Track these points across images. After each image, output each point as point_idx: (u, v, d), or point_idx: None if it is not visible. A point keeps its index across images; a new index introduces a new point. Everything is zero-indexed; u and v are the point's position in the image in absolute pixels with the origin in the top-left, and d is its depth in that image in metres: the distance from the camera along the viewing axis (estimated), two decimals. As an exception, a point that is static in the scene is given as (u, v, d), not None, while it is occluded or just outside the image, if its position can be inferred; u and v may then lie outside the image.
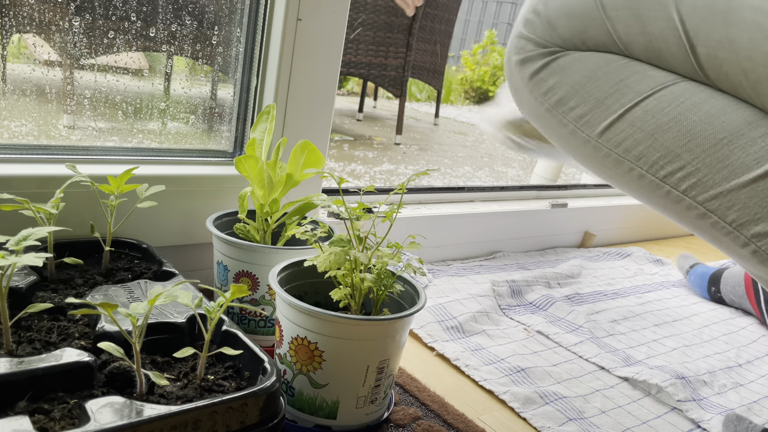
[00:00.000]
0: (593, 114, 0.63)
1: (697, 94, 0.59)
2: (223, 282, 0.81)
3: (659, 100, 0.60)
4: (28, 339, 0.57)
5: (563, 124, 0.66)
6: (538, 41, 0.65)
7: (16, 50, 0.82)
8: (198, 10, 0.91)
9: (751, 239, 0.57)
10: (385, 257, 0.67)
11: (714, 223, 0.59)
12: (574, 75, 0.64)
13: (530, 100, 0.68)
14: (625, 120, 0.61)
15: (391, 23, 2.88)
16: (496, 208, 1.36)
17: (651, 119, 0.60)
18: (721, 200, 0.58)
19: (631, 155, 0.62)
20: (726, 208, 0.58)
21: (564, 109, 0.65)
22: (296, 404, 0.67)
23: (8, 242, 0.53)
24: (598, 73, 0.63)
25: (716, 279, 1.27)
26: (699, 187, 0.59)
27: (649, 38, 0.60)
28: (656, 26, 0.59)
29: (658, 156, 0.60)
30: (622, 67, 0.62)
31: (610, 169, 0.64)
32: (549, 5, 0.64)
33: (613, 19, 0.61)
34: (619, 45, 0.62)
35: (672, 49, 0.59)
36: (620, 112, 0.61)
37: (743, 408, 0.87)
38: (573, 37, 0.63)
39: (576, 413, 0.80)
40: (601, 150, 0.64)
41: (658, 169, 0.60)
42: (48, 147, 0.84)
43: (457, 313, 1.00)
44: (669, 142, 0.59)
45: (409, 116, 4.46)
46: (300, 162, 0.81)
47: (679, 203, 0.61)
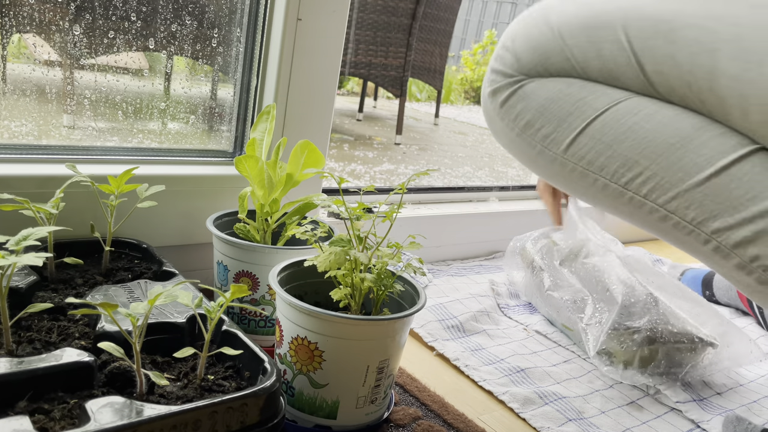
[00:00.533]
0: (557, 132, 0.68)
1: (650, 106, 0.64)
2: (223, 282, 0.81)
3: (615, 113, 0.65)
4: (28, 339, 0.57)
5: (532, 145, 0.71)
6: (507, 72, 0.71)
7: (16, 50, 0.82)
8: (198, 10, 0.91)
9: (711, 236, 0.61)
10: (385, 257, 0.67)
11: (676, 224, 0.63)
12: (539, 99, 0.69)
13: (502, 127, 0.73)
14: (586, 134, 0.66)
15: (391, 23, 2.88)
16: (496, 208, 1.36)
17: (609, 131, 0.65)
18: (680, 200, 0.62)
19: (594, 167, 0.67)
20: (684, 207, 0.62)
21: (531, 131, 0.70)
22: (296, 404, 0.67)
23: (8, 242, 0.53)
24: (559, 95, 0.68)
25: (708, 282, 1.27)
26: (658, 190, 0.63)
27: (603, 61, 0.65)
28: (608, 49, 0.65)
29: (618, 165, 0.65)
30: (580, 88, 0.67)
31: (578, 183, 0.69)
32: (516, 41, 0.70)
33: (571, 46, 0.67)
34: (577, 69, 0.67)
35: (623, 69, 0.64)
36: (581, 127, 0.66)
37: (743, 408, 0.87)
38: (537, 65, 0.69)
39: (575, 413, 0.80)
40: (567, 165, 0.69)
41: (620, 177, 0.65)
42: (48, 147, 0.84)
43: (457, 312, 1.00)
44: (627, 151, 0.64)
45: (409, 116, 4.46)
46: (300, 162, 0.81)
47: (642, 208, 0.65)
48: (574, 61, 0.67)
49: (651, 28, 0.62)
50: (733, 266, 0.61)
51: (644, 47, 0.62)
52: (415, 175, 0.70)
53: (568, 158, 0.68)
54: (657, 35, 0.62)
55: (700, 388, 0.91)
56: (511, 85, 0.71)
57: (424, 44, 3.15)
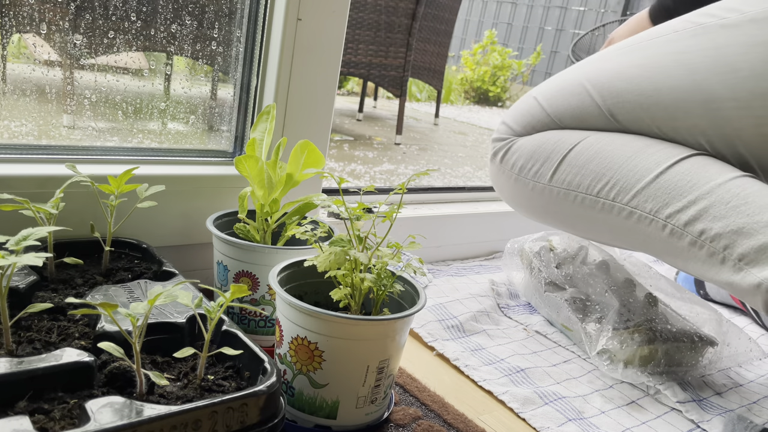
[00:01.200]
0: (544, 167, 0.88)
1: (610, 135, 0.84)
2: (223, 282, 0.81)
3: (585, 143, 0.85)
4: (28, 339, 0.57)
5: (525, 184, 0.91)
6: (503, 138, 0.94)
7: (16, 50, 0.82)
8: (198, 10, 0.91)
9: (666, 220, 0.76)
10: (385, 257, 0.67)
11: (639, 217, 0.79)
12: (528, 147, 0.90)
13: (503, 178, 0.94)
14: (564, 162, 0.86)
15: (391, 23, 2.88)
16: (496, 208, 1.36)
17: (581, 157, 0.84)
18: (639, 197, 0.78)
19: (573, 185, 0.85)
20: (644, 202, 0.78)
21: (524, 172, 0.90)
22: (296, 404, 0.67)
23: (8, 242, 0.53)
24: (542, 141, 0.89)
25: (701, 281, 1.27)
26: (622, 193, 0.80)
27: (573, 108, 0.87)
28: (576, 99, 0.87)
29: (591, 179, 0.83)
30: (558, 133, 0.89)
31: (562, 204, 0.87)
32: (509, 116, 0.95)
33: (548, 106, 0.90)
34: (555, 121, 0.89)
35: (590, 110, 0.86)
36: (560, 159, 0.86)
37: (743, 408, 0.87)
38: (525, 127, 0.92)
39: (575, 413, 0.80)
40: (554, 191, 0.88)
41: (592, 188, 0.83)
42: (48, 147, 0.84)
43: (457, 312, 1.00)
44: (595, 167, 0.83)
45: (409, 116, 4.46)
46: (300, 162, 0.81)
47: (612, 210, 0.81)
48: (554, 116, 0.89)
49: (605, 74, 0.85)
50: (687, 244, 0.75)
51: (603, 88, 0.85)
52: (415, 175, 0.70)
53: (553, 185, 0.87)
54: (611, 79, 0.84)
55: (699, 387, 0.91)
56: (506, 145, 0.93)
57: (424, 44, 3.16)
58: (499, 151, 0.93)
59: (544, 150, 0.88)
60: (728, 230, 0.71)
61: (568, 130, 0.87)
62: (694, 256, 0.74)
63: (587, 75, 0.87)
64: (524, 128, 0.91)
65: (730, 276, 0.71)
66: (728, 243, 0.71)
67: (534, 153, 0.89)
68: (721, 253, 0.71)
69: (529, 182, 0.90)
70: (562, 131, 0.88)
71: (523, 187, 0.91)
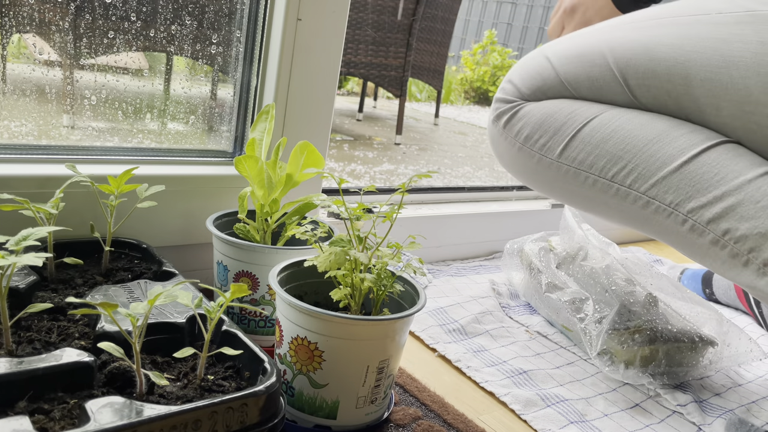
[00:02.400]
0: (553, 140, 0.79)
1: (630, 112, 0.76)
2: (223, 282, 0.81)
3: (601, 119, 0.76)
4: (28, 339, 0.56)
5: (531, 155, 0.82)
6: (508, 99, 0.84)
7: (16, 50, 0.82)
8: (198, 10, 0.91)
9: (687, 215, 0.70)
10: (385, 257, 0.67)
11: (656, 208, 0.72)
12: (537, 115, 0.81)
13: (505, 145, 0.85)
14: (577, 139, 0.77)
15: (391, 23, 2.88)
16: (496, 208, 1.36)
17: (596, 134, 0.76)
18: (659, 187, 0.71)
19: (584, 165, 0.77)
20: (663, 192, 0.71)
21: (530, 142, 0.82)
22: (296, 404, 0.67)
23: (8, 242, 0.53)
24: (554, 110, 0.80)
25: (708, 280, 1.27)
26: (640, 180, 0.73)
27: (591, 80, 0.78)
28: (596, 71, 0.77)
29: (605, 161, 0.75)
30: (572, 103, 0.79)
31: (571, 183, 0.80)
32: (515, 73, 0.84)
33: (564, 72, 0.79)
34: (570, 90, 0.80)
35: (611, 85, 0.76)
36: (572, 133, 0.78)
37: (742, 408, 0.87)
38: (535, 91, 0.82)
39: (578, 416, 0.80)
40: (562, 168, 0.79)
41: (607, 171, 0.75)
42: (48, 147, 0.84)
43: (458, 316, 1.00)
44: (612, 148, 0.75)
45: (409, 116, 4.46)
46: (300, 162, 0.81)
47: (627, 198, 0.74)
48: (567, 84, 0.79)
49: (632, 51, 0.75)
50: (708, 242, 0.69)
51: (628, 65, 0.75)
52: (417, 176, 0.70)
53: (562, 161, 0.79)
54: (638, 56, 0.74)
55: (700, 389, 0.91)
56: (512, 109, 0.83)
57: (424, 44, 3.15)
58: (503, 114, 0.84)
59: (554, 121, 0.79)
60: (756, 232, 0.66)
61: (583, 101, 0.79)
62: (715, 254, 0.70)
63: (610, 44, 0.76)
64: (533, 92, 0.82)
65: (753, 280, 0.67)
66: (754, 246, 0.66)
67: (543, 123, 0.80)
68: (744, 256, 0.67)
69: (535, 154, 0.81)
70: (575, 101, 0.79)
71: (527, 158, 0.83)
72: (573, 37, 0.81)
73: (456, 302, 1.04)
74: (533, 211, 1.41)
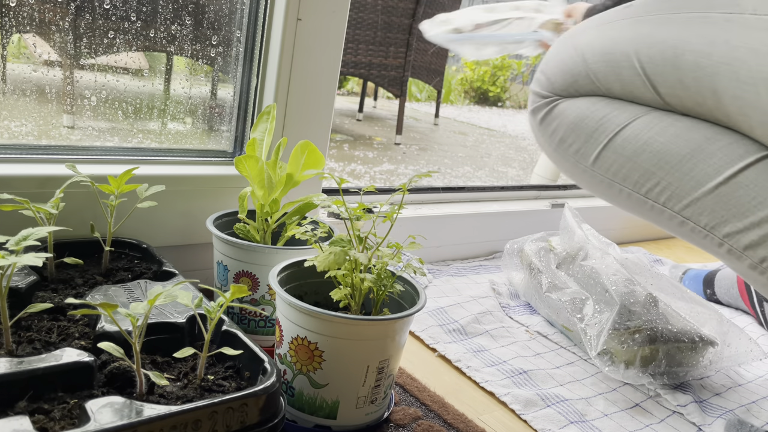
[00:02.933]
0: (586, 147, 0.75)
1: (664, 119, 0.69)
2: (223, 282, 0.81)
3: (633, 128, 0.71)
4: (28, 339, 0.56)
5: (566, 158, 0.78)
6: (543, 94, 0.79)
7: (16, 50, 0.82)
8: (198, 10, 0.91)
9: (723, 239, 0.65)
10: (385, 257, 0.67)
11: (692, 229, 0.68)
12: (570, 117, 0.76)
13: (543, 141, 0.81)
14: (609, 148, 0.72)
15: (391, 23, 2.88)
16: (496, 208, 1.36)
17: (628, 146, 0.71)
18: (693, 208, 0.67)
19: (618, 177, 0.73)
20: (698, 214, 0.66)
21: (564, 146, 0.77)
22: (296, 404, 0.67)
23: (8, 242, 0.53)
24: (586, 113, 0.75)
25: (710, 281, 1.27)
26: (674, 199, 0.68)
27: (622, 83, 0.72)
28: (626, 74, 0.71)
29: (639, 175, 0.70)
30: (604, 105, 0.74)
31: (606, 192, 0.76)
32: (548, 65, 0.78)
33: (595, 70, 0.73)
34: (602, 90, 0.74)
35: (641, 91, 0.70)
36: (605, 142, 0.73)
37: (742, 408, 0.87)
38: (567, 87, 0.76)
39: (578, 416, 0.80)
40: (596, 177, 0.75)
41: (640, 186, 0.71)
42: (48, 147, 0.84)
43: (458, 316, 1.00)
44: (644, 163, 0.70)
45: (409, 116, 4.46)
46: (300, 162, 0.81)
47: (662, 214, 0.70)
48: (598, 83, 0.73)
49: (659, 55, 0.68)
50: (746, 267, 0.65)
51: (655, 73, 0.68)
52: (417, 176, 0.70)
53: (596, 170, 0.75)
54: (665, 62, 0.67)
55: (700, 389, 0.91)
56: (546, 105, 0.79)
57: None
58: (539, 110, 0.80)
59: (586, 126, 0.75)
60: None
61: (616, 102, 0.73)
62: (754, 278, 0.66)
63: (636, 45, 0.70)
64: (566, 88, 0.77)
65: None
66: None
67: (575, 127, 0.76)
68: None
69: (570, 158, 0.77)
70: (608, 102, 0.74)
71: (563, 160, 0.79)
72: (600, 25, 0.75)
73: (456, 302, 1.04)
74: (533, 211, 1.41)
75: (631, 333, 0.89)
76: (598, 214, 1.57)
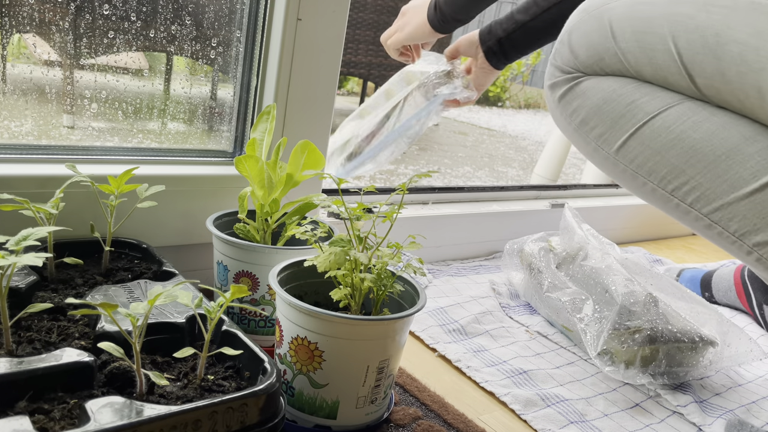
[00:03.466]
0: (610, 133, 0.69)
1: (699, 112, 0.64)
2: (223, 282, 0.81)
3: (664, 119, 0.65)
4: (28, 339, 0.56)
5: (587, 142, 0.72)
6: (564, 68, 0.72)
7: (16, 50, 0.82)
8: (198, 10, 0.91)
9: (753, 248, 0.61)
10: (385, 257, 0.67)
11: (719, 233, 0.64)
12: (594, 98, 0.70)
13: (561, 120, 0.75)
14: (636, 138, 0.67)
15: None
16: (496, 208, 1.36)
17: (658, 137, 0.65)
18: (723, 212, 0.62)
19: (643, 170, 0.67)
20: (728, 219, 0.62)
21: (586, 128, 0.71)
22: (296, 404, 0.67)
23: (8, 242, 0.53)
24: (613, 96, 0.69)
25: (707, 283, 1.27)
26: (703, 201, 0.64)
27: (655, 67, 0.65)
28: (659, 58, 0.65)
29: (666, 171, 0.65)
30: (633, 89, 0.67)
31: (629, 183, 0.71)
32: (572, 36, 0.71)
33: (624, 50, 0.67)
34: (631, 71, 0.67)
35: (675, 78, 0.64)
36: (632, 131, 0.67)
37: (743, 408, 0.87)
38: (593, 64, 0.69)
39: (578, 416, 0.80)
40: (619, 166, 0.70)
41: (666, 183, 0.66)
42: (48, 147, 0.84)
43: (458, 317, 1.00)
44: (674, 159, 0.64)
45: (409, 116, 4.45)
46: (300, 162, 0.81)
47: (688, 215, 0.66)
48: (627, 64, 0.67)
49: (699, 41, 0.62)
50: None
51: (693, 61, 0.63)
52: (417, 176, 0.70)
53: (619, 159, 0.69)
54: (705, 49, 0.61)
55: (700, 389, 0.91)
56: (568, 81, 0.72)
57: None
58: (559, 86, 0.73)
59: (612, 110, 0.69)
60: None
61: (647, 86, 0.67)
62: None
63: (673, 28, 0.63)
64: (590, 65, 0.70)
65: None
66: None
67: (600, 109, 0.70)
68: None
69: (591, 142, 0.72)
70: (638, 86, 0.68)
71: (583, 142, 0.74)
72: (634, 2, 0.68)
73: (456, 302, 1.04)
74: (533, 211, 1.41)
75: (631, 333, 0.89)
76: (598, 214, 1.57)
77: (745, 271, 1.21)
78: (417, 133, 1.01)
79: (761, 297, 1.17)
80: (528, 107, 6.44)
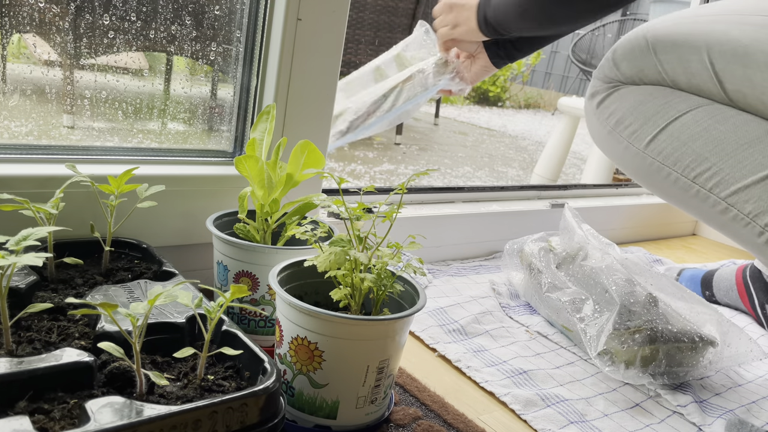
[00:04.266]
0: (642, 129, 0.77)
1: (726, 111, 0.72)
2: (223, 282, 0.81)
3: (694, 115, 0.73)
4: (28, 339, 0.56)
5: (619, 141, 0.80)
6: (605, 79, 0.82)
7: (16, 50, 0.82)
8: (198, 10, 0.91)
9: (765, 228, 0.67)
10: (385, 257, 0.67)
11: (734, 216, 0.70)
12: (630, 100, 0.79)
13: (597, 125, 0.84)
14: (666, 132, 0.75)
15: (391, 23, 2.88)
16: (496, 208, 1.36)
17: (686, 130, 0.73)
18: (740, 195, 0.69)
19: (669, 161, 0.75)
20: (744, 201, 0.68)
21: (621, 127, 0.80)
22: (296, 404, 0.67)
23: (8, 242, 0.53)
24: (648, 98, 0.78)
25: (708, 282, 1.27)
26: (722, 185, 0.70)
27: (689, 77, 0.74)
28: (694, 67, 0.74)
29: (690, 159, 0.73)
30: (668, 93, 0.77)
31: (654, 176, 0.78)
32: (617, 52, 0.81)
33: (663, 61, 0.76)
34: (668, 81, 0.77)
35: (707, 85, 0.73)
36: (662, 126, 0.75)
37: (743, 408, 0.87)
38: (633, 75, 0.80)
39: (578, 416, 0.80)
40: (647, 159, 0.77)
41: (690, 171, 0.73)
42: (48, 147, 0.84)
43: (458, 317, 1.00)
44: (699, 148, 0.72)
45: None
46: (300, 162, 0.81)
47: (707, 201, 0.72)
48: (665, 74, 0.77)
49: (730, 53, 0.70)
50: None
51: (724, 69, 0.71)
52: (415, 175, 0.70)
53: (648, 153, 0.77)
54: (735, 59, 0.70)
55: (700, 389, 0.91)
56: (607, 89, 0.82)
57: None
58: (598, 93, 0.83)
59: (646, 109, 0.77)
60: None
61: (679, 92, 0.76)
62: None
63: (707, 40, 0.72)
64: (631, 76, 0.80)
65: None
66: None
67: (635, 109, 0.78)
68: None
69: (623, 141, 0.80)
70: (671, 91, 0.77)
71: (616, 143, 0.81)
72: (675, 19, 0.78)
73: (456, 302, 1.04)
74: (533, 211, 1.41)
75: (631, 333, 0.89)
76: (598, 214, 1.57)
77: (746, 272, 1.21)
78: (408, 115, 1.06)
79: (763, 297, 1.17)
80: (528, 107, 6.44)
